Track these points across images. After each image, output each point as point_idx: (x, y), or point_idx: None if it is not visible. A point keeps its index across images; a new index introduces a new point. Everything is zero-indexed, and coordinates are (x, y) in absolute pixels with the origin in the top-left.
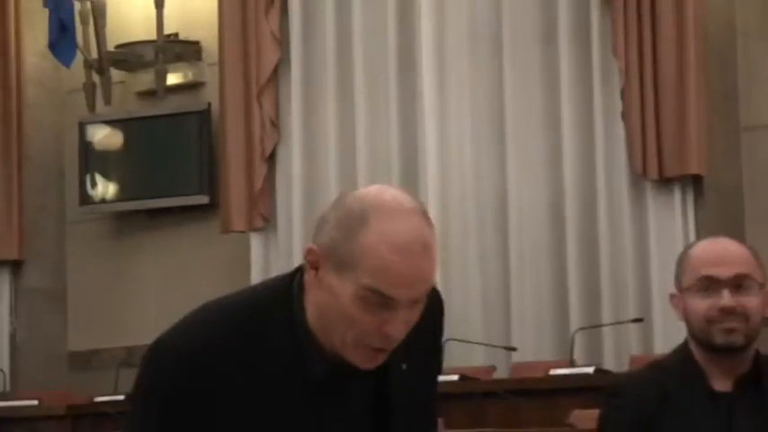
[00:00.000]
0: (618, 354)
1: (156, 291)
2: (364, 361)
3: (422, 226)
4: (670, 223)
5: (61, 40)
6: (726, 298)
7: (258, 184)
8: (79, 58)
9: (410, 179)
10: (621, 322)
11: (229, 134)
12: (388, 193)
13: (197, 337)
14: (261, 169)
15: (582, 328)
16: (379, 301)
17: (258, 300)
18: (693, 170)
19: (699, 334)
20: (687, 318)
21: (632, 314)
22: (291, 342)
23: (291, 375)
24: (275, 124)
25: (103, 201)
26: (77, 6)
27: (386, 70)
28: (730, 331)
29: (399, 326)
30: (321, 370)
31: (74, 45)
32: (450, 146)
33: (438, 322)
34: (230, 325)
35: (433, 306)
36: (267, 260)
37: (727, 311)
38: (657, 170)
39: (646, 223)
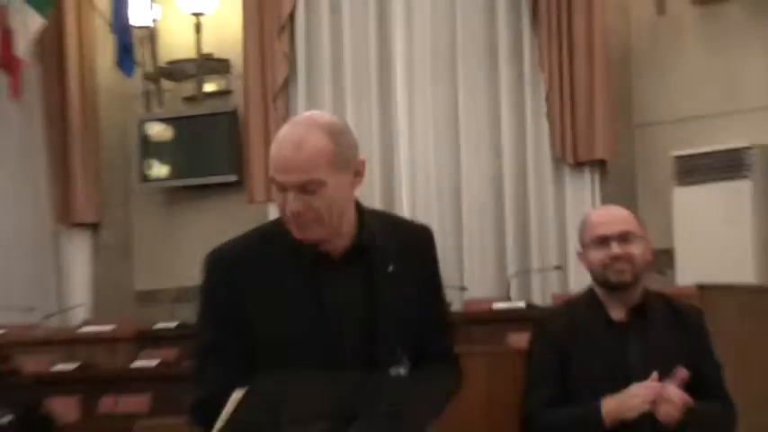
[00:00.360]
0: (543, 292)
1: (198, 246)
2: (295, 232)
3: (305, 132)
4: (581, 195)
5: (125, 58)
6: (615, 248)
7: None
8: (138, 71)
9: (387, 164)
10: (546, 269)
11: (252, 129)
12: (306, 113)
13: (233, 246)
14: None
15: (517, 273)
16: (276, 184)
17: (276, 223)
18: (600, 156)
19: (598, 277)
20: (589, 267)
21: (554, 262)
22: (293, 242)
23: (293, 267)
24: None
25: (158, 179)
26: (136, 32)
27: (369, 81)
28: (620, 272)
29: (297, 205)
30: (309, 259)
31: (134, 61)
32: (417, 139)
33: (427, 247)
34: (255, 239)
35: (421, 236)
36: None
37: (616, 258)
38: (573, 156)
39: (564, 196)
